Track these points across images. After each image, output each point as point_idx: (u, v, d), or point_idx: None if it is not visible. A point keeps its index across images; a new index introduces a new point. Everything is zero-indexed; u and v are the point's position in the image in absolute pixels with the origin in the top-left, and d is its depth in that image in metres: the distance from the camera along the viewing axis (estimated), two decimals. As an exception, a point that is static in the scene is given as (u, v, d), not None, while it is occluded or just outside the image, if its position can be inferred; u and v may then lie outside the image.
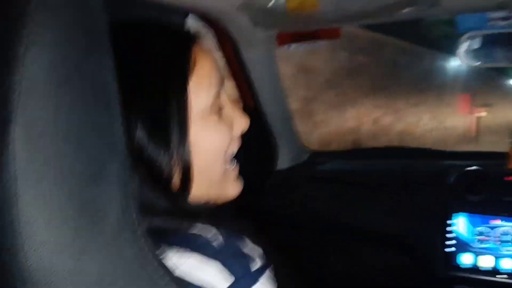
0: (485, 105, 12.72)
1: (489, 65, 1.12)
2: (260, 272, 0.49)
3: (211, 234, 0.49)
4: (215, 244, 0.48)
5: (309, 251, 1.56)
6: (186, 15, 1.21)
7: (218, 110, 0.61)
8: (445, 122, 11.24)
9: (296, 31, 1.37)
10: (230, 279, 0.46)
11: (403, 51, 8.59)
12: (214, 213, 0.58)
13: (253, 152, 1.66)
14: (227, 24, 1.25)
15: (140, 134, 0.52)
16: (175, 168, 0.55)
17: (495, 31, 1.08)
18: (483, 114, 12.59)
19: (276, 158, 1.69)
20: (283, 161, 1.71)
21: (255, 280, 0.48)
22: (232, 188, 0.66)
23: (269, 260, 0.51)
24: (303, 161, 1.78)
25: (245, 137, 1.67)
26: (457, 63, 11.07)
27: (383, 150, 1.83)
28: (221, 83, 0.62)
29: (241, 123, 0.66)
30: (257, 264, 0.49)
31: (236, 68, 1.42)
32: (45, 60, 0.36)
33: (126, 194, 0.39)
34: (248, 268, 0.48)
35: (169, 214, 0.51)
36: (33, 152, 0.35)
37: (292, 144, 1.73)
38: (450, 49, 10.33)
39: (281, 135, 1.66)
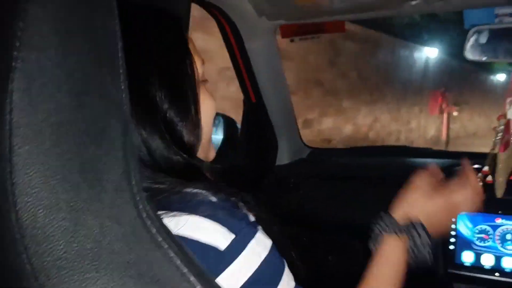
0: (458, 103, 11.01)
1: (494, 60, 1.11)
2: (255, 225, 0.51)
3: (205, 193, 0.51)
4: (211, 203, 0.50)
5: (306, 248, 1.54)
6: (189, 2, 1.20)
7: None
8: (410, 123, 9.87)
9: (300, 23, 1.36)
10: (230, 237, 0.47)
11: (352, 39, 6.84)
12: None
13: (254, 147, 1.64)
14: (231, 13, 1.24)
15: (162, 103, 0.57)
16: (189, 131, 0.60)
17: (502, 26, 1.07)
18: (455, 113, 10.82)
19: (276, 154, 1.68)
20: (283, 157, 1.70)
21: (253, 234, 0.50)
22: (212, 152, 0.71)
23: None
24: (303, 158, 1.77)
25: (246, 132, 1.66)
26: (425, 54, 10.12)
27: (384, 148, 1.82)
28: None
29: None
30: (251, 219, 0.51)
31: (238, 59, 1.40)
32: (49, 12, 0.35)
33: (127, 157, 0.37)
34: (245, 223, 0.50)
35: (182, 171, 0.55)
36: (32, 104, 0.33)
37: (292, 140, 1.72)
38: (415, 39, 9.58)
39: (282, 131, 1.64)
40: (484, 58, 1.09)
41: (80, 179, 0.33)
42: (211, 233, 0.47)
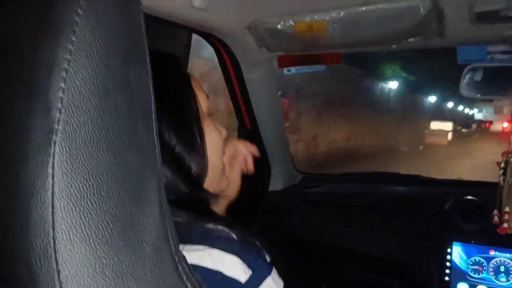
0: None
1: (489, 97, 1.14)
2: (271, 264, 0.54)
3: (225, 229, 0.54)
4: (229, 238, 0.52)
5: (300, 274, 1.54)
6: (190, 32, 1.21)
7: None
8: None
9: (298, 54, 1.38)
10: (248, 272, 0.49)
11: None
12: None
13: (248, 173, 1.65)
14: (231, 44, 1.25)
15: (170, 139, 0.60)
16: (196, 162, 0.63)
17: (496, 64, 1.11)
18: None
19: (269, 180, 1.69)
20: (276, 183, 1.70)
21: (269, 271, 0.52)
22: (224, 183, 0.74)
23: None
24: (295, 183, 1.77)
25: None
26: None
27: (376, 174, 1.84)
28: None
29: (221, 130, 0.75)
30: (267, 257, 0.54)
31: (236, 89, 1.41)
32: (89, 69, 0.35)
33: (164, 213, 0.37)
34: (262, 260, 0.52)
35: (192, 205, 0.58)
36: (73, 166, 0.33)
37: (285, 166, 1.73)
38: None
39: (276, 157, 1.65)
40: (478, 95, 1.12)
41: (121, 242, 0.33)
42: (233, 266, 0.49)
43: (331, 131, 10.63)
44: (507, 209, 1.13)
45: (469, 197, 1.28)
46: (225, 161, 0.73)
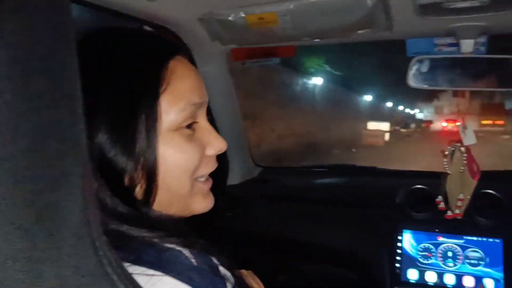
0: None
1: (435, 88, 1.18)
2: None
3: (181, 250, 0.48)
4: (185, 262, 0.47)
5: (257, 267, 1.54)
6: (142, 25, 1.19)
7: (191, 129, 0.61)
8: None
9: (252, 48, 1.38)
10: None
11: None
12: (175, 228, 0.56)
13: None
14: (184, 37, 1.24)
15: (102, 138, 0.52)
16: (139, 177, 0.54)
17: (441, 56, 1.15)
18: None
19: (227, 174, 1.68)
20: (234, 177, 1.70)
21: None
22: (199, 204, 0.65)
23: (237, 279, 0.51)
24: (253, 177, 1.78)
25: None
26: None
27: (333, 167, 1.87)
28: (201, 104, 0.63)
29: (216, 144, 0.66)
30: (225, 277, 0.49)
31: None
32: (6, 54, 0.33)
33: (87, 201, 0.36)
34: (219, 285, 0.48)
35: (129, 222, 0.50)
36: None
37: (243, 160, 1.73)
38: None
39: (233, 151, 1.65)
40: (425, 86, 1.15)
41: (37, 227, 0.32)
42: None
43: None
44: (461, 196, 1.17)
45: (419, 186, 1.32)
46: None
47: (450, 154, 1.18)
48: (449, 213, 1.23)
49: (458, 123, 1.15)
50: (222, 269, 0.50)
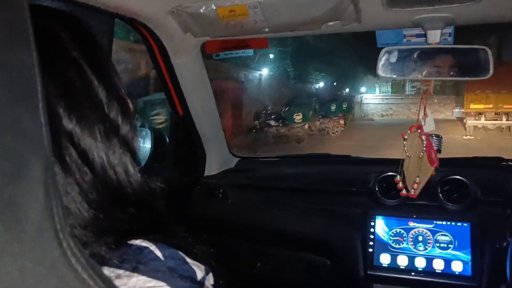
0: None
1: (403, 78, 1.21)
2: (201, 283, 0.49)
3: (151, 247, 0.48)
4: (157, 259, 0.47)
5: (234, 256, 1.57)
6: (113, 18, 1.18)
7: None
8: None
9: (225, 40, 1.39)
10: None
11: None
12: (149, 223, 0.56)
13: (182, 159, 1.65)
14: (156, 29, 1.23)
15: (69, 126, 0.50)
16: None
17: (409, 46, 1.18)
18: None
19: (204, 165, 1.70)
20: (211, 168, 1.72)
21: None
22: None
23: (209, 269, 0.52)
24: (231, 167, 1.80)
25: (175, 144, 1.66)
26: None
27: (308, 157, 1.90)
28: None
29: None
30: (198, 275, 0.49)
31: (165, 75, 1.40)
32: None
33: (49, 194, 0.37)
34: (190, 282, 0.48)
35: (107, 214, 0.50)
36: None
37: (220, 151, 1.74)
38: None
39: (210, 142, 1.66)
40: (394, 76, 1.18)
41: None
42: None
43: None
44: (418, 180, 1.21)
45: (390, 173, 1.36)
46: None
47: (411, 140, 1.22)
48: (404, 191, 1.28)
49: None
50: (189, 260, 0.50)
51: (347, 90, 24.02)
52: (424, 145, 1.18)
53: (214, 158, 1.71)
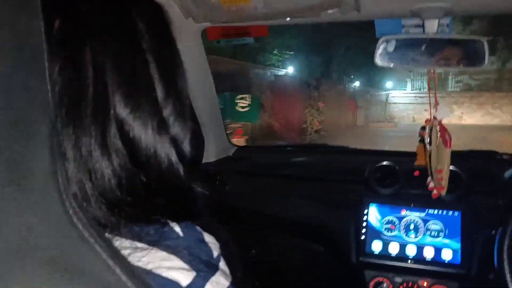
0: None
1: (401, 67, 1.22)
2: (217, 261, 0.50)
3: (170, 223, 0.49)
4: (175, 236, 0.48)
5: (232, 241, 1.59)
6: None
7: None
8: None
9: (226, 27, 1.40)
10: (191, 274, 0.46)
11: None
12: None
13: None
14: (158, 14, 1.25)
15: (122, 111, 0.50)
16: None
17: (407, 36, 1.19)
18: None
19: (202, 152, 1.71)
20: (210, 155, 1.73)
21: (213, 272, 0.48)
22: None
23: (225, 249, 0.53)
24: (229, 155, 1.82)
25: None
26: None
27: (306, 146, 1.91)
28: None
29: None
30: (214, 253, 0.50)
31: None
32: None
33: (54, 157, 0.39)
34: (208, 260, 0.49)
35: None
36: None
37: (219, 138, 1.76)
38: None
39: (209, 130, 1.68)
40: (391, 65, 1.20)
41: (5, 178, 0.35)
42: (174, 269, 0.46)
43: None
44: (439, 167, 1.18)
45: (385, 163, 1.38)
46: None
47: (429, 132, 1.20)
48: (435, 191, 1.22)
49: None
50: (207, 236, 0.51)
51: (357, 83, 18.00)
52: (438, 130, 1.16)
53: (212, 145, 1.73)
